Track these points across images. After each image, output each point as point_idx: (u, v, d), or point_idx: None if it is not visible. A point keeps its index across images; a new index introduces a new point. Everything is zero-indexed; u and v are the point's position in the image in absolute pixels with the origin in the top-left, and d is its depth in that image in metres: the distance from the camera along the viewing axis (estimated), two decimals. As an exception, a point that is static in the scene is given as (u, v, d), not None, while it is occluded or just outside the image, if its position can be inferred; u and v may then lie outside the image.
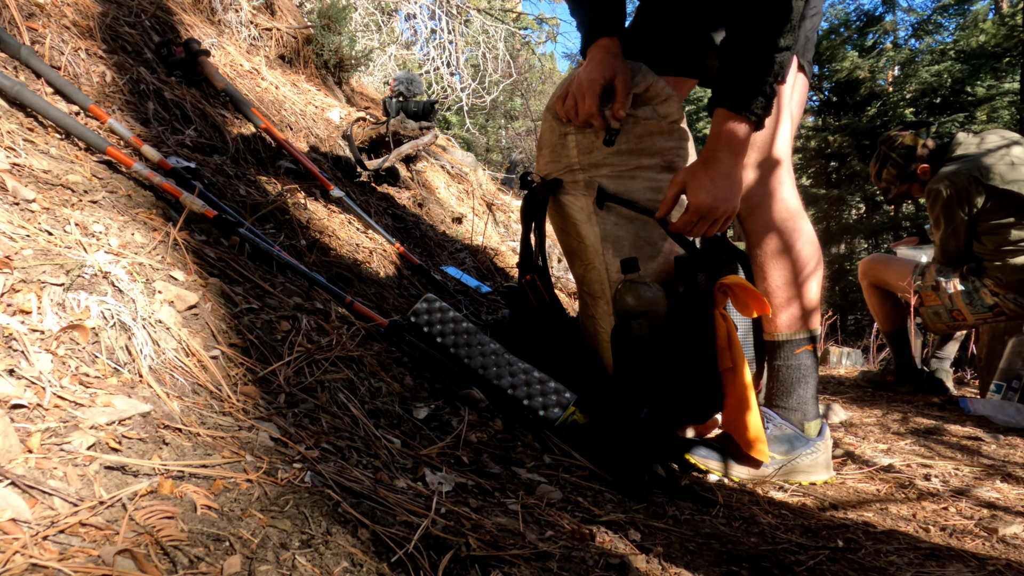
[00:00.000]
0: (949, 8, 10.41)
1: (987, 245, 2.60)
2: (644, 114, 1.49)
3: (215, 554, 0.62)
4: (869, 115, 10.29)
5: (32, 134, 1.27)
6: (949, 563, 1.09)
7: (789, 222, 1.52)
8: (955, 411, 2.48)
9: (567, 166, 1.56)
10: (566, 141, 1.54)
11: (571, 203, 1.56)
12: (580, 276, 1.63)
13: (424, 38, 5.93)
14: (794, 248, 1.52)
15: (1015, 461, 1.79)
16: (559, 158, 1.57)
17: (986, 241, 2.60)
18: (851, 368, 4.31)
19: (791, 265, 1.53)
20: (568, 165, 1.55)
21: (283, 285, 1.35)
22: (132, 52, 1.88)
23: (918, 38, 10.92)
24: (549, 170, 1.60)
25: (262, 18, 3.01)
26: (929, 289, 2.78)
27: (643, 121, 1.49)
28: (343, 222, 2.04)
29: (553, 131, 1.57)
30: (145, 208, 1.26)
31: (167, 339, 0.95)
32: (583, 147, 1.52)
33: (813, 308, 1.54)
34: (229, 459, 0.78)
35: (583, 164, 1.54)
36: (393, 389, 1.24)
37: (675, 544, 1.01)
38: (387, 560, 0.72)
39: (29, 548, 0.55)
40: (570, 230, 1.58)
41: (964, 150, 2.66)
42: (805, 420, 1.53)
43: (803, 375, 1.54)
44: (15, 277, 0.84)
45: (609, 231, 1.53)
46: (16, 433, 0.65)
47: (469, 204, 3.35)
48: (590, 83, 1.34)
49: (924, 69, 9.97)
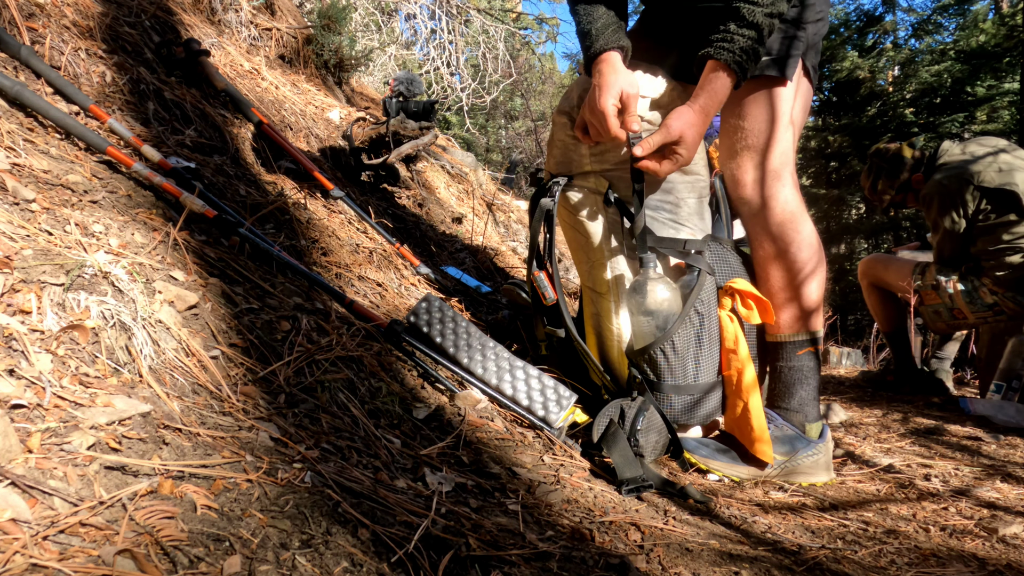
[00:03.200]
0: (949, 8, 10.40)
1: (983, 245, 2.63)
2: (659, 120, 1.49)
3: (215, 554, 0.62)
4: (869, 115, 10.28)
5: (32, 134, 1.27)
6: (949, 563, 1.09)
7: (790, 224, 1.51)
8: (955, 411, 2.48)
9: (578, 165, 1.57)
10: (578, 143, 1.55)
11: (581, 201, 1.57)
12: (587, 273, 1.63)
13: (424, 38, 5.93)
14: (795, 250, 1.52)
15: (1015, 461, 1.79)
16: (570, 158, 1.58)
17: (981, 242, 2.63)
18: (851, 368, 4.31)
19: (792, 267, 1.53)
20: (579, 164, 1.57)
21: (283, 285, 1.35)
22: (132, 52, 1.88)
23: (918, 38, 10.91)
24: (560, 169, 1.61)
25: (262, 18, 3.01)
26: (929, 288, 2.79)
27: (657, 123, 1.50)
28: (343, 222, 2.04)
29: (564, 130, 1.58)
30: (145, 208, 1.26)
31: (167, 339, 0.95)
32: (595, 148, 1.53)
33: (815, 309, 1.54)
34: (229, 459, 0.78)
35: (594, 165, 1.55)
36: (393, 389, 1.24)
37: (675, 544, 1.01)
38: (387, 560, 0.72)
39: (29, 548, 0.55)
40: (578, 226, 1.59)
41: (950, 157, 2.75)
42: (806, 422, 1.53)
43: (804, 376, 1.54)
44: (15, 277, 0.84)
45: (616, 229, 1.54)
46: (16, 433, 0.65)
47: (469, 204, 3.35)
48: (602, 112, 1.37)
49: (924, 69, 9.96)
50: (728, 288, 1.50)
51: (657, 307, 1.45)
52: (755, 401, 1.44)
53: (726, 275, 1.54)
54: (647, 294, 1.45)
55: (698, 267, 1.48)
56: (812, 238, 1.55)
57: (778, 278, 1.55)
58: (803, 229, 1.53)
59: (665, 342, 1.45)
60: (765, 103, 1.50)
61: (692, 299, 1.46)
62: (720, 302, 1.51)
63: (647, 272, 1.46)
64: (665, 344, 1.45)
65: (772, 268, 1.55)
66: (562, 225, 1.67)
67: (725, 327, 1.49)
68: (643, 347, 1.48)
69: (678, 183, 1.55)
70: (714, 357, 1.50)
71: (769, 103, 1.49)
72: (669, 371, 1.47)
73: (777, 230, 1.52)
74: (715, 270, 1.52)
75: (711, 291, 1.49)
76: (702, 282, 1.47)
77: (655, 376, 1.48)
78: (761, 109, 1.50)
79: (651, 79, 1.50)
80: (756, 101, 1.50)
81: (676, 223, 1.55)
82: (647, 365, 1.48)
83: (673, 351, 1.46)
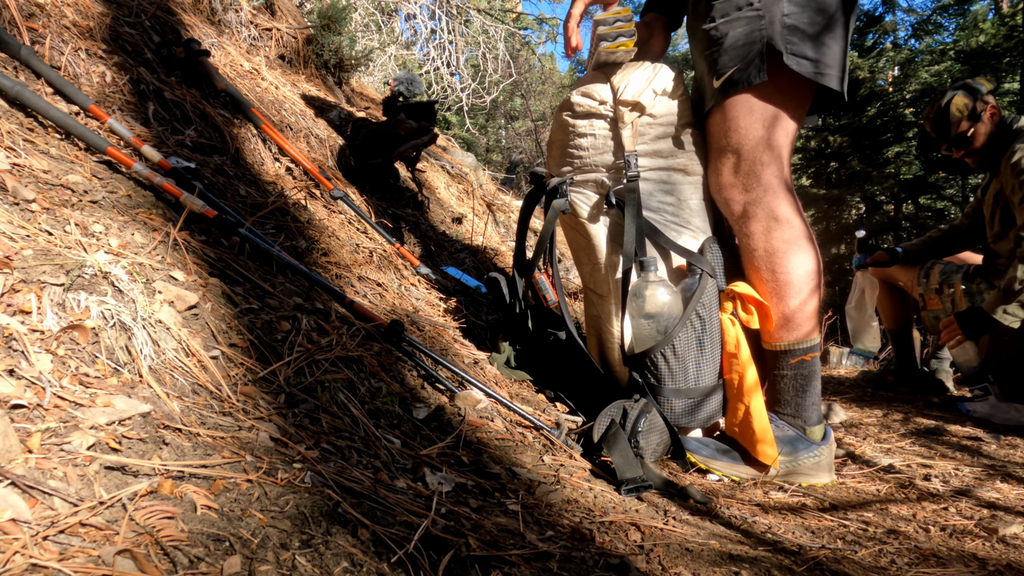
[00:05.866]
0: (949, 8, 10.40)
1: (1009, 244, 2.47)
2: (661, 111, 1.49)
3: (215, 554, 0.62)
4: (869, 115, 10.28)
5: (32, 134, 1.27)
6: (949, 563, 1.09)
7: (786, 231, 1.47)
8: (955, 411, 2.47)
9: (579, 165, 1.56)
10: (579, 141, 1.54)
11: (581, 202, 1.56)
12: (587, 275, 1.63)
13: (424, 38, 5.93)
14: (791, 258, 1.48)
15: (1015, 461, 1.79)
16: (571, 158, 1.58)
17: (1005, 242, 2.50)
18: (851, 368, 4.31)
19: (788, 275, 1.48)
20: (580, 164, 1.56)
21: (283, 285, 1.35)
22: (132, 52, 1.88)
23: (918, 38, 10.91)
24: (559, 168, 1.60)
25: (262, 18, 3.01)
26: (933, 292, 2.76)
27: (660, 122, 1.50)
28: (343, 222, 2.03)
29: (564, 129, 1.57)
30: (145, 208, 1.26)
31: (167, 339, 0.95)
32: (596, 147, 1.53)
33: (811, 318, 1.50)
34: (229, 459, 0.78)
35: (596, 163, 1.54)
36: (393, 389, 1.24)
37: (675, 544, 1.00)
38: (387, 560, 0.72)
39: (29, 548, 0.55)
40: (579, 228, 1.59)
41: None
42: (806, 425, 1.52)
43: (802, 384, 1.51)
44: (15, 277, 0.84)
45: (617, 231, 1.53)
46: (16, 433, 0.65)
47: (469, 204, 3.35)
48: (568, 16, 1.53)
49: (924, 69, 9.96)
50: (730, 291, 1.50)
51: (658, 311, 1.45)
52: (757, 404, 1.44)
53: (728, 277, 1.53)
54: (647, 298, 1.44)
55: (700, 269, 1.48)
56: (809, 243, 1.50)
57: (777, 286, 1.50)
58: (801, 234, 1.49)
59: (666, 346, 1.44)
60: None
61: (693, 303, 1.45)
62: (722, 305, 1.51)
63: (647, 276, 1.45)
64: (666, 348, 1.45)
65: (771, 275, 1.50)
66: (563, 226, 1.67)
67: (727, 331, 1.48)
68: (644, 351, 1.47)
69: (681, 183, 1.55)
70: (715, 360, 1.50)
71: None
72: (670, 375, 1.46)
73: (778, 235, 1.48)
74: (717, 272, 1.51)
75: (713, 294, 1.48)
76: (703, 285, 1.46)
77: (655, 380, 1.48)
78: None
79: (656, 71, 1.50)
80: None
81: (678, 225, 1.55)
82: (648, 368, 1.48)
83: (674, 355, 1.45)
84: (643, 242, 1.47)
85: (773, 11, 1.39)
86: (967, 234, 2.86)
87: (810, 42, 1.41)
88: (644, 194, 1.51)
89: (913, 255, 2.91)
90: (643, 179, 1.52)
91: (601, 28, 1.43)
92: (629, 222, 1.47)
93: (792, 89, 1.45)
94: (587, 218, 1.56)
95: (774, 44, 1.39)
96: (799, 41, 1.40)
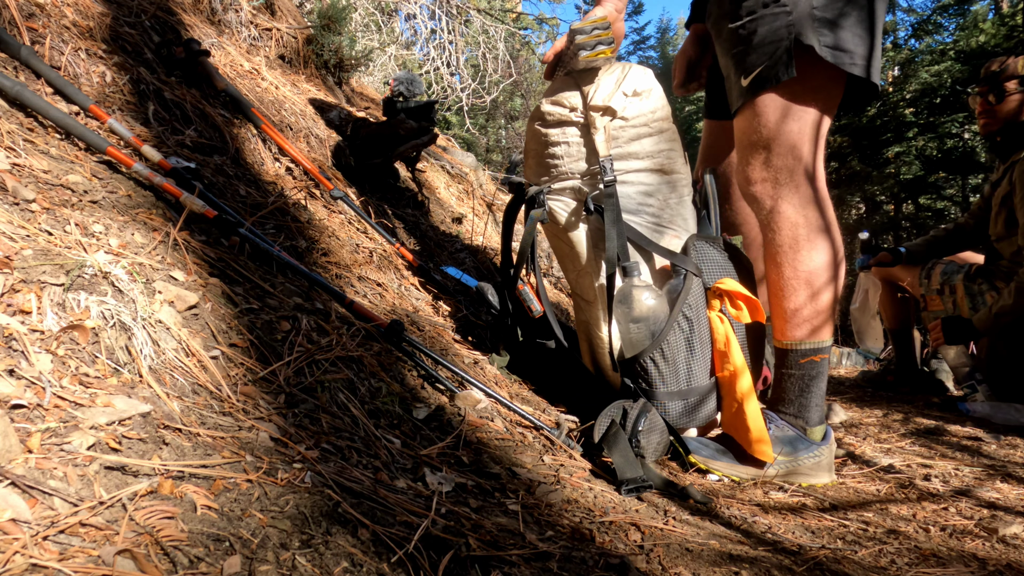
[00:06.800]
0: (949, 8, 10.40)
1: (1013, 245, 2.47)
2: (632, 113, 1.48)
3: (215, 554, 0.62)
4: (869, 115, 10.28)
5: (32, 134, 1.27)
6: (949, 563, 1.09)
7: (803, 231, 1.47)
8: (955, 411, 2.48)
9: (556, 174, 1.55)
10: (553, 150, 1.53)
11: (561, 209, 1.55)
12: (574, 281, 1.63)
13: (424, 38, 5.93)
14: (806, 259, 1.48)
15: (1015, 461, 1.79)
16: (547, 167, 1.56)
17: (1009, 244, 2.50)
18: (851, 368, 4.31)
19: (803, 276, 1.48)
20: (556, 172, 1.55)
21: (283, 285, 1.35)
22: (132, 52, 1.88)
23: (918, 38, 10.91)
24: (539, 177, 1.59)
25: (262, 18, 3.01)
26: (934, 293, 2.76)
27: (632, 124, 1.49)
28: (343, 222, 2.03)
29: (537, 139, 1.56)
30: (145, 208, 1.26)
31: (167, 339, 0.95)
32: (570, 154, 1.52)
33: (823, 318, 1.49)
34: (229, 459, 0.78)
35: (572, 171, 1.53)
36: (393, 389, 1.24)
37: (675, 544, 1.00)
38: (387, 560, 0.72)
39: (29, 548, 0.55)
40: (561, 235, 1.58)
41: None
42: (807, 426, 1.52)
43: (807, 384, 1.51)
44: (15, 277, 0.84)
45: (599, 237, 1.52)
46: (16, 433, 0.65)
47: (469, 204, 3.35)
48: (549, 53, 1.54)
49: (924, 69, 9.96)
50: (716, 289, 1.49)
51: (644, 315, 1.44)
52: (750, 400, 1.44)
53: (714, 275, 1.52)
54: (633, 303, 1.43)
55: (684, 269, 1.47)
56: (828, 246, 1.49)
57: (790, 286, 1.50)
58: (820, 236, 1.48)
59: (655, 350, 1.44)
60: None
61: (679, 304, 1.44)
62: (709, 303, 1.50)
63: (631, 280, 1.44)
64: (655, 352, 1.44)
65: (785, 274, 1.50)
66: (546, 234, 1.66)
67: (715, 329, 1.48)
68: (634, 355, 1.47)
69: (660, 184, 1.53)
70: (706, 360, 1.49)
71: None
72: (661, 378, 1.46)
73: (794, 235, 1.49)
74: (702, 271, 1.50)
75: (699, 294, 1.47)
76: (688, 286, 1.45)
77: (647, 384, 1.47)
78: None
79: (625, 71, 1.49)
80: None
81: (660, 226, 1.53)
82: (639, 373, 1.48)
83: (663, 358, 1.45)
84: (625, 246, 1.45)
85: (801, 5, 1.39)
86: (971, 233, 2.86)
87: (840, 32, 1.40)
88: (623, 197, 1.50)
89: (916, 255, 2.92)
90: (621, 182, 1.50)
91: (579, 37, 1.42)
92: (609, 227, 1.45)
93: (822, 83, 1.45)
94: (568, 225, 1.54)
95: (803, 39, 1.39)
96: (829, 32, 1.40)
